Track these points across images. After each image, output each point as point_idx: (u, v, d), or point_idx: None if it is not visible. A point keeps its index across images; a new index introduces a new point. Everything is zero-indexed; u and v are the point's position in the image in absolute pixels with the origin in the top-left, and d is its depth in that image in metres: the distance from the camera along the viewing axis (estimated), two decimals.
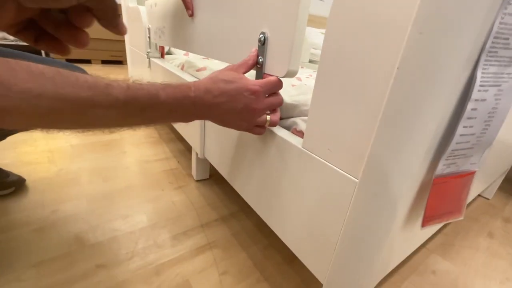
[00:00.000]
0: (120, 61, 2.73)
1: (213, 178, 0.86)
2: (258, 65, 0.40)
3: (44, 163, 0.84)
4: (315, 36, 1.76)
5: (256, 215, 0.70)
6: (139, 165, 0.90)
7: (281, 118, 0.45)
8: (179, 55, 1.09)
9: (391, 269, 0.44)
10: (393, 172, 0.27)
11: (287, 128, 0.43)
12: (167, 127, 1.25)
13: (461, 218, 0.32)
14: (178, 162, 0.95)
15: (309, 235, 0.37)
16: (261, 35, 0.38)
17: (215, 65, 0.71)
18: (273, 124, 0.41)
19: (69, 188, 0.73)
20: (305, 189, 0.36)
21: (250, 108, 0.36)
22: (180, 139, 1.13)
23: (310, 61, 1.53)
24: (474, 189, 0.65)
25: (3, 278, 0.47)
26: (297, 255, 0.41)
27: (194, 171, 0.84)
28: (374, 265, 0.33)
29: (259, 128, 0.40)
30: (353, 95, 0.28)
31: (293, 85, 0.50)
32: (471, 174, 0.31)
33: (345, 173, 0.30)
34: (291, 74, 0.36)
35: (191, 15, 0.57)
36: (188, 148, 1.05)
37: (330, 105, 0.31)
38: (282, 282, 0.54)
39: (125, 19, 1.39)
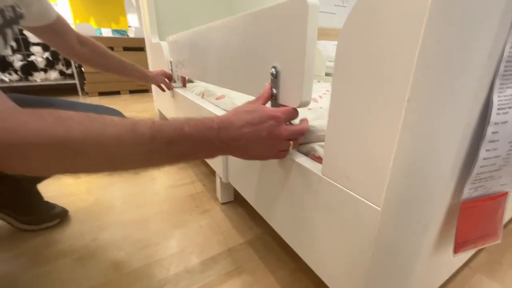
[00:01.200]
0: (146, 90, 2.92)
1: (238, 200, 0.88)
2: (273, 97, 0.42)
3: (83, 193, 0.91)
4: (330, 49, 1.77)
5: (281, 237, 0.70)
6: (167, 190, 0.94)
7: (300, 144, 0.46)
8: (200, 83, 1.16)
9: None
10: (416, 199, 0.27)
11: (306, 154, 0.43)
12: None
13: (499, 241, 0.31)
14: (204, 185, 0.98)
15: (338, 262, 0.37)
16: (273, 69, 0.40)
17: (233, 93, 0.74)
18: (295, 146, 0.42)
19: (106, 216, 0.78)
20: (327, 214, 0.37)
21: (273, 134, 0.37)
22: (205, 162, 1.17)
23: (326, 74, 1.53)
24: None
25: None
26: (325, 281, 0.40)
27: (219, 194, 0.86)
28: None
29: (283, 152, 0.41)
30: (368, 123, 0.29)
31: (309, 109, 0.51)
32: (504, 195, 0.29)
33: (367, 201, 0.30)
34: (304, 104, 0.37)
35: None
36: (212, 171, 1.09)
37: (346, 133, 0.32)
38: None
39: (149, 53, 1.50)
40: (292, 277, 0.59)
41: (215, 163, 0.77)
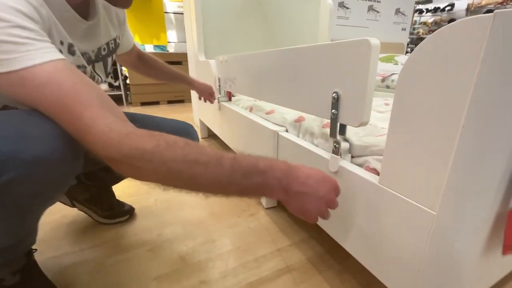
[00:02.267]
0: (182, 100, 3.13)
1: (281, 205, 0.95)
2: (332, 116, 0.49)
3: (144, 194, 1.04)
4: None
5: (327, 241, 0.76)
6: None
7: (353, 157, 0.53)
8: (243, 97, 1.26)
9: None
10: (468, 205, 0.33)
11: (360, 165, 0.50)
12: None
13: None
14: None
15: (392, 261, 0.43)
16: (334, 94, 0.48)
17: (282, 109, 0.83)
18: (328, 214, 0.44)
19: (166, 215, 0.90)
20: (385, 219, 0.43)
21: (328, 198, 0.41)
22: None
23: None
24: None
25: (133, 287, 0.62)
26: (380, 279, 0.46)
27: (263, 199, 0.94)
28: None
29: (323, 214, 0.43)
30: (425, 138, 0.35)
31: None
32: None
33: (422, 207, 0.36)
34: (363, 124, 0.44)
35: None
36: None
37: (406, 146, 0.38)
38: None
39: (196, 69, 1.65)
40: (340, 278, 0.65)
41: None
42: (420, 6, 5.33)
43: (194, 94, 1.80)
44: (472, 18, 0.28)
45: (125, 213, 0.87)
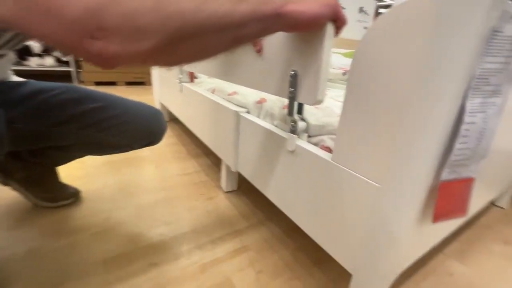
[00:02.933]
0: (142, 82, 2.93)
1: (241, 189, 0.95)
2: (290, 95, 0.50)
3: (91, 176, 0.95)
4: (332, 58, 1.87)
5: (283, 222, 0.78)
6: (172, 178, 1.00)
7: (309, 136, 0.54)
8: (205, 79, 1.22)
9: (410, 263, 0.50)
10: (408, 177, 0.35)
11: (315, 144, 0.52)
12: (194, 143, 1.36)
13: (465, 216, 0.40)
14: (207, 175, 1.04)
15: (339, 233, 0.45)
16: (293, 72, 0.48)
17: (245, 90, 0.81)
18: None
19: (116, 199, 0.83)
20: (335, 193, 0.45)
21: None
22: (207, 154, 1.23)
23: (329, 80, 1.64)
24: (484, 196, 0.71)
25: (77, 271, 0.57)
26: (328, 251, 0.48)
27: (223, 183, 0.93)
28: (395, 255, 0.40)
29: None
30: (373, 119, 0.37)
31: (316, 107, 0.59)
32: (471, 180, 0.38)
33: (368, 180, 0.38)
34: (318, 102, 0.45)
35: (259, 51, 0.56)
36: (214, 163, 1.15)
37: (356, 126, 0.40)
38: (312, 280, 0.60)
39: None
40: (293, 256, 0.67)
41: (225, 153, 0.84)
42: (381, 10, 5.66)
43: (155, 76, 1.69)
44: None
45: (69, 196, 0.79)
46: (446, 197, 0.37)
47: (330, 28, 0.41)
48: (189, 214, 0.80)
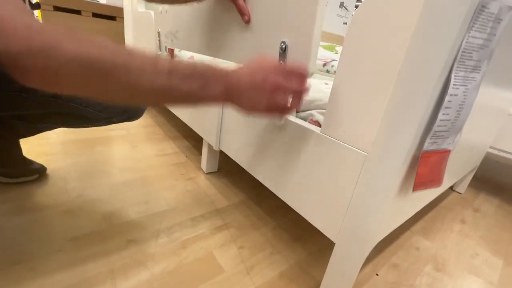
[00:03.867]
0: (113, 17, 2.73)
1: (222, 171, 0.94)
2: None
3: (59, 154, 0.88)
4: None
5: (264, 202, 0.78)
6: (150, 158, 0.95)
7: (297, 111, 0.54)
8: (186, 54, 1.16)
9: (387, 234, 0.53)
10: (394, 147, 0.37)
11: (304, 119, 0.52)
12: (172, 125, 1.31)
13: (440, 185, 0.43)
14: (187, 157, 1.01)
15: (325, 204, 0.46)
16: (282, 44, 0.48)
17: (229, 64, 0.79)
18: (294, 106, 0.41)
19: (89, 177, 0.78)
20: (324, 165, 0.45)
21: (269, 80, 0.37)
22: (186, 136, 1.20)
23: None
24: (447, 181, 0.77)
25: (44, 250, 0.52)
26: (313, 223, 0.49)
27: (204, 164, 0.91)
28: (375, 225, 0.42)
29: (279, 112, 0.41)
30: (364, 90, 0.38)
31: None
32: (448, 152, 0.41)
33: (356, 149, 0.40)
34: (310, 75, 0.45)
35: (248, 21, 0.54)
36: (194, 145, 1.12)
37: (346, 98, 0.40)
38: (293, 255, 0.62)
39: (133, 24, 1.45)
40: (273, 232, 0.68)
41: (207, 132, 0.82)
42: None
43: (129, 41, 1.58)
44: None
45: (33, 171, 0.72)
46: (426, 166, 0.39)
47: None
48: (168, 193, 0.77)
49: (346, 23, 2.52)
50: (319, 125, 0.48)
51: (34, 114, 0.59)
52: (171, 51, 1.11)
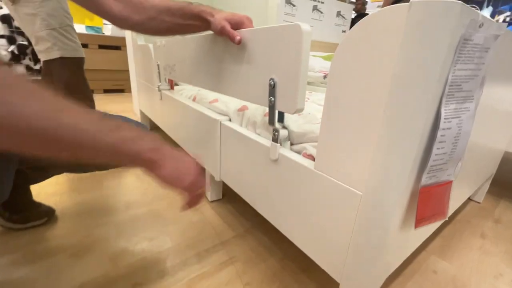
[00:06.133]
0: (121, 90, 2.84)
1: (226, 198, 0.93)
2: (270, 104, 0.49)
3: (68, 192, 0.90)
4: (310, 60, 1.90)
5: (269, 230, 0.77)
6: (154, 190, 0.96)
7: (292, 144, 0.54)
8: (186, 86, 1.19)
9: (396, 267, 0.51)
10: (389, 184, 0.36)
11: (298, 152, 0.51)
12: None
13: (446, 219, 0.40)
14: None
15: (325, 241, 0.45)
16: (271, 81, 0.48)
17: (226, 97, 0.80)
18: (202, 195, 0.44)
19: (96, 215, 0.79)
20: (319, 202, 0.44)
21: (187, 161, 0.41)
22: None
23: (308, 83, 1.65)
24: (462, 194, 0.73)
25: None
26: (315, 260, 0.48)
27: (208, 193, 0.91)
28: (381, 261, 0.40)
29: (194, 196, 0.42)
30: (351, 129, 0.37)
31: (299, 114, 0.59)
32: (449, 183, 0.39)
33: (351, 188, 0.38)
34: (299, 111, 0.45)
35: (239, 42, 0.52)
36: None
37: (336, 136, 0.40)
38: None
39: (134, 55, 1.50)
40: (281, 264, 0.66)
41: (209, 163, 0.82)
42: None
43: (135, 82, 1.64)
44: (391, 7, 0.30)
45: (42, 215, 0.74)
46: (426, 201, 0.37)
47: (307, 36, 0.40)
48: (173, 227, 0.77)
49: (345, 31, 2.52)
50: (313, 159, 0.47)
51: (43, 165, 0.61)
52: (170, 81, 1.14)
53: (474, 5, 0.32)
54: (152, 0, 0.56)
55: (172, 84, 1.14)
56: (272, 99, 0.48)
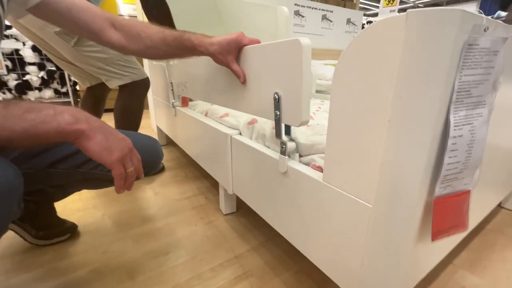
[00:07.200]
0: None
1: (240, 211, 0.93)
2: (276, 117, 0.49)
3: (90, 209, 0.94)
4: (319, 68, 1.89)
5: (283, 243, 0.75)
6: (171, 204, 0.98)
7: (301, 156, 0.53)
8: (199, 102, 1.22)
9: (417, 282, 0.48)
10: (399, 196, 0.34)
11: (307, 164, 0.51)
12: (192, 165, 1.35)
13: (466, 230, 0.38)
14: (206, 198, 1.03)
15: (338, 256, 0.43)
16: (275, 95, 0.48)
17: (236, 112, 0.81)
18: (137, 172, 0.45)
19: (115, 230, 0.82)
20: (329, 215, 0.43)
21: (117, 136, 0.42)
22: (205, 176, 1.22)
23: (317, 91, 1.64)
24: (489, 202, 0.69)
25: None
26: (329, 276, 0.46)
27: (222, 206, 0.91)
28: (398, 276, 0.38)
29: (122, 175, 0.42)
30: (358, 141, 0.36)
31: (308, 126, 0.59)
32: (467, 193, 0.37)
33: (360, 200, 0.37)
34: (304, 123, 0.45)
35: (243, 83, 0.57)
36: (213, 184, 1.14)
37: (342, 147, 0.39)
38: None
39: (149, 73, 1.57)
40: (296, 278, 0.64)
41: (221, 176, 0.83)
42: (370, 18, 5.81)
43: (151, 100, 1.71)
44: (388, 18, 0.30)
45: (66, 231, 0.78)
46: (442, 213, 0.36)
47: (307, 50, 0.41)
48: (188, 241, 0.78)
49: None
50: (322, 170, 0.47)
51: (62, 183, 0.65)
52: (185, 99, 1.18)
53: (480, 10, 0.31)
54: (148, 30, 0.59)
55: (185, 101, 1.18)
56: (278, 112, 0.49)
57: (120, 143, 0.41)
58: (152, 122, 1.90)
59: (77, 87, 2.56)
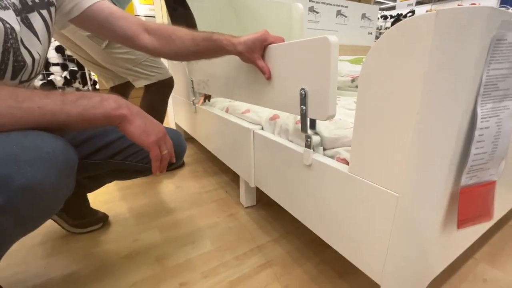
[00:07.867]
0: None
1: (260, 204, 0.96)
2: (302, 112, 0.52)
3: (117, 201, 1.00)
4: (338, 64, 1.89)
5: (304, 235, 0.78)
6: (193, 197, 1.02)
7: (324, 149, 0.55)
8: (218, 99, 1.26)
9: (439, 272, 0.49)
10: (426, 185, 0.36)
11: (331, 157, 0.53)
12: (210, 161, 1.39)
13: (491, 220, 0.39)
14: (226, 192, 1.06)
15: (363, 244, 0.45)
16: (302, 90, 0.50)
17: (257, 108, 0.84)
18: (170, 155, 0.50)
19: (141, 221, 0.87)
20: (354, 204, 0.45)
21: (154, 122, 0.46)
22: (224, 171, 1.26)
23: (338, 88, 1.65)
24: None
25: None
26: (354, 263, 0.48)
27: (243, 199, 0.95)
28: (422, 263, 0.40)
29: (158, 156, 0.46)
30: (385, 131, 0.38)
31: (330, 120, 0.61)
32: (492, 183, 0.38)
33: (387, 190, 0.39)
34: (330, 117, 0.47)
35: (269, 79, 0.59)
36: (232, 179, 1.17)
37: (370, 139, 0.41)
38: None
39: (171, 71, 1.62)
40: (318, 268, 0.67)
41: (243, 170, 0.86)
42: (384, 12, 5.69)
43: (171, 98, 1.76)
44: (418, 16, 0.32)
45: (99, 220, 0.83)
46: (468, 202, 0.37)
47: (335, 47, 0.43)
48: (211, 231, 0.81)
49: (371, 33, 2.47)
50: (347, 163, 0.49)
51: (96, 174, 0.69)
52: (204, 96, 1.22)
53: (506, 5, 0.33)
54: (179, 32, 0.62)
55: (204, 99, 1.22)
56: (304, 107, 0.51)
57: (156, 128, 0.46)
58: (170, 120, 1.95)
59: (97, 86, 2.66)
